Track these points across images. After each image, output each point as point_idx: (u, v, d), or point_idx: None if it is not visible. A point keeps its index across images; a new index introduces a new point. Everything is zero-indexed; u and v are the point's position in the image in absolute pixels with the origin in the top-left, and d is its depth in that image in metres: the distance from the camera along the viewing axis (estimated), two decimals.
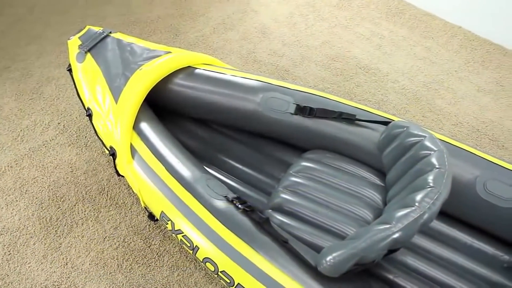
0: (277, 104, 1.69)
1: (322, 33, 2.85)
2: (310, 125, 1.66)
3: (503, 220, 1.44)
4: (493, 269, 1.50)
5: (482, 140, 2.22)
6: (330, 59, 2.65)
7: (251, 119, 1.75)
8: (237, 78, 1.77)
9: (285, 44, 2.76)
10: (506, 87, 2.49)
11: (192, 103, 1.82)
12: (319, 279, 1.23)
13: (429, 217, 1.15)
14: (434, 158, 1.30)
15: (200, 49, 2.72)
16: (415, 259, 1.51)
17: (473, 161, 1.50)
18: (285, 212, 1.53)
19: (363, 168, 1.62)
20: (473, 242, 1.55)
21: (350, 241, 1.17)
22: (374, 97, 2.41)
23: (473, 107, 2.38)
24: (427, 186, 1.21)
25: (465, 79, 2.53)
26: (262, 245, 1.29)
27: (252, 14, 2.99)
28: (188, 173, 1.49)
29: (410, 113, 2.33)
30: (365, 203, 1.51)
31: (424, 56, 2.68)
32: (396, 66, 2.61)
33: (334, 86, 2.47)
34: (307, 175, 1.61)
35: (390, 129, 1.51)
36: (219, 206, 1.38)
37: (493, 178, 1.45)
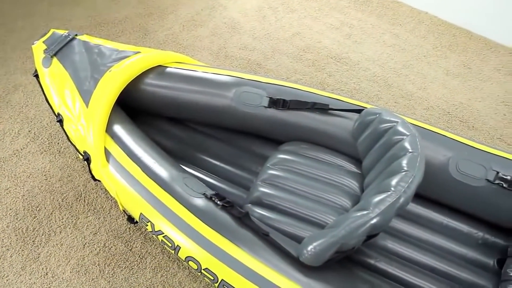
0: (250, 98, 1.69)
1: (292, 25, 2.85)
2: (284, 117, 1.67)
3: (475, 198, 1.48)
4: (469, 247, 1.55)
5: (453, 122, 2.27)
6: (301, 50, 2.66)
7: (225, 115, 1.75)
8: (209, 75, 1.76)
9: (255, 37, 2.76)
10: (473, 70, 2.55)
11: (164, 102, 1.80)
12: (301, 269, 1.24)
13: (405, 200, 1.17)
14: (407, 142, 1.33)
15: (170, 48, 2.69)
16: (394, 242, 1.54)
17: (445, 143, 1.53)
18: (264, 205, 1.53)
19: (339, 156, 1.64)
20: (449, 222, 1.59)
21: (330, 230, 1.19)
22: (346, 86, 2.43)
23: (443, 90, 2.43)
24: (402, 170, 1.24)
25: (434, 64, 2.58)
26: (243, 239, 1.29)
27: (221, 10, 2.98)
28: (165, 173, 1.48)
29: (383, 100, 2.36)
30: (343, 191, 1.53)
31: (393, 43, 2.71)
32: (366, 54, 2.64)
33: (306, 77, 2.48)
34: (284, 167, 1.61)
35: (363, 117, 1.53)
36: (198, 204, 1.38)
37: (464, 159, 1.48)
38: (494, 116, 2.31)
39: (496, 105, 2.37)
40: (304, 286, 1.20)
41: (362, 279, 1.41)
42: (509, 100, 2.40)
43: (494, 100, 2.39)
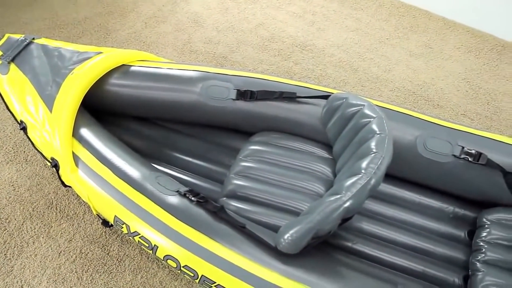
0: (217, 92, 1.68)
1: (255, 15, 2.85)
2: (253, 108, 1.67)
3: (444, 174, 1.52)
4: (441, 221, 1.60)
5: (418, 101, 2.33)
6: (266, 40, 2.66)
7: (193, 110, 1.73)
8: (175, 71, 1.74)
9: (219, 30, 2.74)
10: (435, 49, 2.61)
11: (131, 101, 1.77)
12: (280, 258, 1.25)
13: (376, 181, 1.19)
14: (374, 124, 1.35)
15: (133, 46, 2.64)
16: (370, 223, 1.57)
17: (412, 122, 1.56)
18: (239, 198, 1.53)
19: (310, 143, 1.65)
20: (420, 199, 1.63)
21: (305, 216, 1.20)
22: (313, 73, 2.45)
23: (407, 71, 2.48)
24: (371, 152, 1.26)
25: (397, 46, 2.63)
26: (220, 233, 1.29)
27: (183, 4, 2.94)
28: (136, 173, 1.46)
29: (350, 84, 2.39)
30: (316, 177, 1.55)
31: (356, 27, 2.74)
32: (331, 40, 2.66)
33: (273, 67, 2.49)
34: (256, 158, 1.62)
35: (330, 102, 1.55)
36: (172, 201, 1.37)
37: (431, 136, 1.52)
38: (457, 93, 2.38)
39: (458, 82, 2.43)
40: (283, 274, 1.22)
41: (341, 262, 1.43)
42: (469, 77, 2.47)
43: (456, 78, 2.46)
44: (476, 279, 1.37)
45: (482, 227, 1.50)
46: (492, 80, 2.45)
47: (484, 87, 2.42)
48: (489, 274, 1.36)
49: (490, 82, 2.44)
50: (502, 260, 1.41)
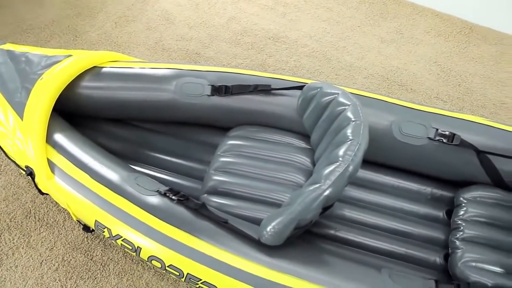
0: (192, 88, 1.67)
1: (227, 10, 2.83)
2: (229, 103, 1.67)
3: (420, 157, 1.55)
4: (420, 203, 1.63)
5: (392, 87, 2.36)
6: (239, 34, 2.65)
7: (169, 108, 1.72)
8: (147, 70, 1.72)
9: (191, 27, 2.71)
10: (405, 34, 2.64)
11: (104, 103, 1.74)
12: (264, 250, 1.25)
13: (354, 168, 1.20)
14: (349, 112, 1.36)
15: (104, 47, 2.59)
16: (351, 210, 1.59)
17: (386, 108, 1.58)
18: (220, 194, 1.53)
19: (288, 135, 1.66)
20: (399, 182, 1.66)
21: (286, 208, 1.21)
22: (287, 65, 2.46)
23: (380, 57, 2.51)
24: (347, 139, 1.27)
25: (369, 33, 2.66)
26: (202, 230, 1.29)
27: (153, 2, 2.90)
28: (114, 176, 1.44)
29: (324, 74, 2.40)
30: (296, 168, 1.56)
31: (328, 17, 2.76)
32: (303, 31, 2.67)
33: (247, 61, 2.48)
34: (235, 153, 1.62)
35: (305, 93, 1.56)
36: (152, 202, 1.36)
37: (406, 120, 1.55)
38: (429, 76, 2.42)
39: (430, 66, 2.48)
40: (268, 266, 1.22)
41: (325, 250, 1.45)
42: (440, 60, 2.52)
43: (427, 62, 2.50)
44: (455, 257, 1.41)
45: (459, 206, 1.54)
46: (462, 62, 2.51)
47: (455, 69, 2.47)
48: (468, 250, 1.40)
49: (460, 64, 2.49)
50: (480, 236, 1.45)
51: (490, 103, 2.32)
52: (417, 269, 1.50)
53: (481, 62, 2.52)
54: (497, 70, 2.48)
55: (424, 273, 1.48)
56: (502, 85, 2.40)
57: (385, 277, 1.23)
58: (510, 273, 1.35)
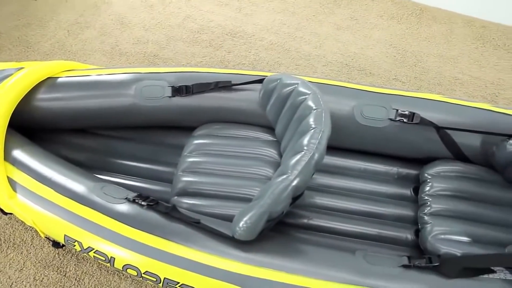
0: (152, 91, 1.65)
1: (181, 9, 2.80)
2: (191, 103, 1.65)
3: (383, 138, 1.59)
4: (387, 183, 1.67)
5: (352, 72, 2.40)
6: (196, 33, 2.63)
7: (130, 114, 1.69)
8: (105, 76, 1.68)
9: (147, 29, 2.67)
10: (360, 20, 2.69)
11: (63, 115, 1.69)
12: (239, 246, 1.25)
13: (319, 156, 1.22)
14: (310, 101, 1.38)
15: (58, 57, 2.52)
16: (321, 197, 1.61)
17: (347, 93, 1.61)
18: (190, 194, 1.52)
19: (253, 129, 1.67)
20: (365, 165, 1.70)
21: (256, 201, 1.21)
22: (247, 59, 2.46)
23: (337, 44, 2.55)
24: (310, 128, 1.28)
25: (324, 21, 2.69)
26: (175, 233, 1.28)
27: (105, 7, 2.83)
28: (80, 187, 1.41)
29: (284, 65, 2.42)
30: (263, 161, 1.56)
31: (283, 8, 2.77)
32: (259, 24, 2.67)
33: (206, 59, 2.47)
34: (202, 152, 1.61)
35: (265, 85, 1.56)
36: (121, 210, 1.33)
37: (367, 104, 1.58)
38: (386, 59, 2.48)
39: (386, 49, 2.53)
40: (244, 261, 1.22)
41: (300, 239, 1.47)
42: (395, 42, 2.58)
43: (383, 45, 2.55)
44: (425, 231, 1.45)
45: (424, 182, 1.59)
46: (415, 43, 2.57)
47: (410, 50, 2.53)
48: (436, 224, 1.45)
49: (414, 45, 2.56)
50: (446, 209, 1.50)
51: (445, 80, 2.39)
52: (391, 248, 1.53)
53: (434, 41, 2.59)
54: (449, 48, 2.56)
55: (397, 251, 1.52)
56: (455, 62, 2.49)
57: (360, 259, 1.26)
58: (476, 241, 1.41)
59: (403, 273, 1.23)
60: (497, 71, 2.46)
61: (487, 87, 2.39)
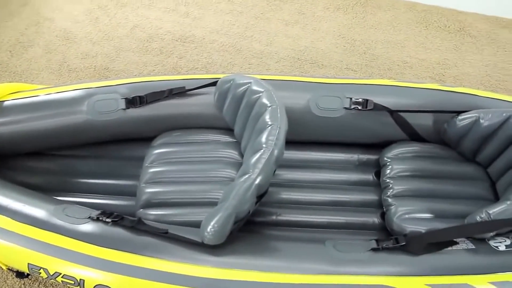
0: (105, 105, 1.61)
1: (128, 19, 2.75)
2: (147, 113, 1.63)
3: (341, 127, 1.62)
4: (350, 171, 1.71)
5: (304, 66, 2.44)
6: (145, 41, 2.59)
7: (85, 130, 1.65)
8: (55, 95, 1.64)
9: (94, 42, 2.61)
10: (307, 14, 2.74)
11: (14, 139, 1.63)
12: (209, 251, 1.25)
13: (278, 152, 1.23)
14: (264, 98, 1.39)
15: (3, 79, 2.42)
16: (287, 192, 1.63)
17: (301, 87, 1.64)
18: (156, 205, 1.50)
19: (212, 132, 1.66)
20: (326, 156, 1.73)
21: (222, 204, 1.21)
22: (199, 63, 2.45)
23: (288, 40, 2.58)
24: (267, 125, 1.30)
25: (272, 18, 2.72)
26: (143, 246, 1.25)
27: (48, 23, 2.74)
28: (39, 212, 1.36)
29: (237, 66, 2.43)
30: (225, 163, 1.56)
31: (230, 9, 2.78)
32: (209, 27, 2.67)
33: (158, 67, 2.44)
34: (163, 161, 1.59)
35: (219, 87, 1.56)
36: (86, 229, 1.30)
37: (321, 96, 1.61)
38: (336, 49, 2.53)
39: (335, 40, 2.59)
40: (216, 265, 1.22)
41: (270, 236, 1.48)
42: (344, 32, 2.64)
43: (332, 36, 2.61)
44: (390, 213, 1.49)
45: (385, 165, 1.63)
46: (363, 31, 2.64)
47: (358, 39, 2.60)
48: (400, 205, 1.49)
49: (362, 33, 2.63)
50: (408, 189, 1.55)
51: (394, 65, 2.47)
52: (359, 233, 1.57)
53: (380, 28, 2.67)
54: (395, 33, 2.65)
55: (366, 235, 1.55)
56: (402, 47, 2.57)
57: (330, 249, 1.28)
58: (439, 216, 1.46)
59: (373, 257, 1.26)
60: (441, 52, 2.57)
61: (434, 68, 2.48)
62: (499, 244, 1.28)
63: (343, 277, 1.20)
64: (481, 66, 2.52)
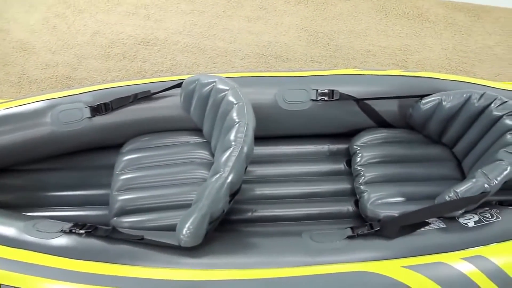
0: (69, 115, 1.58)
1: (87, 25, 2.69)
2: (113, 119, 1.61)
3: (309, 119, 1.64)
4: (321, 162, 1.73)
5: (269, 61, 2.45)
6: (107, 47, 2.55)
7: (51, 143, 1.61)
8: (15, 109, 1.59)
9: (54, 52, 2.54)
10: (269, 9, 2.74)
11: None
12: (187, 253, 1.24)
13: (248, 148, 1.24)
14: (230, 96, 1.39)
15: None
16: (261, 188, 1.64)
17: (267, 82, 1.65)
18: (130, 212, 1.48)
19: (181, 134, 1.65)
20: (297, 149, 1.74)
21: (195, 205, 1.20)
22: (164, 66, 2.43)
23: (251, 36, 2.58)
24: (235, 123, 1.30)
25: (234, 16, 2.71)
26: (119, 255, 1.23)
27: (3, 35, 2.65)
28: (9, 230, 1.32)
29: (202, 65, 2.42)
30: (197, 164, 1.55)
31: (191, 9, 2.75)
32: (171, 28, 2.64)
33: (122, 72, 2.40)
34: (134, 167, 1.57)
35: (185, 88, 1.55)
36: (59, 243, 1.27)
37: (288, 89, 1.62)
38: (300, 43, 2.55)
39: (298, 33, 2.61)
40: (195, 267, 1.21)
41: (247, 233, 1.48)
42: (306, 25, 2.66)
43: (295, 29, 2.63)
44: (363, 200, 1.52)
45: (355, 154, 1.66)
46: (325, 23, 2.67)
47: (321, 31, 2.63)
48: (372, 191, 1.52)
49: (324, 25, 2.66)
50: (379, 175, 1.58)
51: (358, 54, 2.51)
52: (335, 223, 1.59)
53: (341, 19, 2.71)
54: (356, 23, 2.69)
55: (342, 224, 1.57)
56: (364, 35, 2.62)
57: (307, 240, 1.29)
58: (410, 199, 1.50)
59: (349, 244, 1.28)
60: (402, 38, 2.62)
61: (396, 55, 2.53)
62: (468, 221, 1.33)
63: (322, 267, 1.21)
64: (441, 50, 2.59)
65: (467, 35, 2.67)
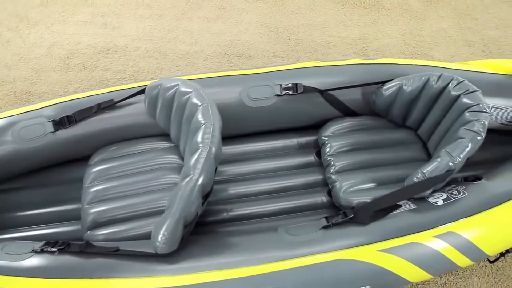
0: (31, 131, 1.53)
1: (43, 38, 2.62)
2: (78, 132, 1.57)
3: (275, 115, 1.65)
4: (291, 155, 1.74)
5: (232, 60, 2.45)
6: (66, 59, 2.49)
7: (15, 161, 1.56)
8: None
9: (10, 67, 2.46)
10: (227, 8, 2.74)
11: None
12: (165, 260, 1.23)
13: (216, 149, 1.23)
14: (194, 98, 1.38)
15: None
16: (234, 187, 1.64)
17: (231, 81, 1.65)
18: (103, 224, 1.45)
19: (149, 140, 1.63)
20: (266, 145, 1.75)
21: (168, 211, 1.19)
22: (126, 73, 2.39)
23: (212, 36, 2.58)
24: (201, 124, 1.29)
25: (193, 17, 2.70)
26: (96, 269, 1.21)
27: None
28: None
29: (165, 70, 2.40)
30: (167, 169, 1.54)
31: (149, 13, 2.73)
32: (130, 34, 2.61)
33: (84, 83, 2.35)
34: (103, 178, 1.54)
35: (148, 94, 1.53)
36: (30, 264, 1.23)
37: (252, 86, 1.63)
38: (261, 39, 2.56)
39: (258, 30, 2.62)
40: (174, 273, 1.20)
41: (224, 234, 1.48)
42: (265, 21, 2.67)
43: (255, 27, 2.64)
44: (336, 190, 1.54)
45: (323, 144, 1.68)
46: (284, 18, 2.69)
47: (281, 26, 2.65)
48: (344, 180, 1.55)
49: (283, 20, 2.68)
50: (349, 163, 1.61)
51: (319, 46, 2.54)
52: (311, 214, 1.61)
53: (300, 13, 2.73)
54: (315, 15, 2.72)
55: (318, 215, 1.58)
56: (323, 27, 2.65)
57: (283, 234, 1.30)
58: (381, 183, 1.54)
59: (325, 234, 1.29)
60: (361, 27, 2.67)
61: (356, 44, 2.58)
62: (437, 200, 1.37)
63: (300, 260, 1.22)
64: (398, 36, 2.65)
65: (422, 19, 2.74)
